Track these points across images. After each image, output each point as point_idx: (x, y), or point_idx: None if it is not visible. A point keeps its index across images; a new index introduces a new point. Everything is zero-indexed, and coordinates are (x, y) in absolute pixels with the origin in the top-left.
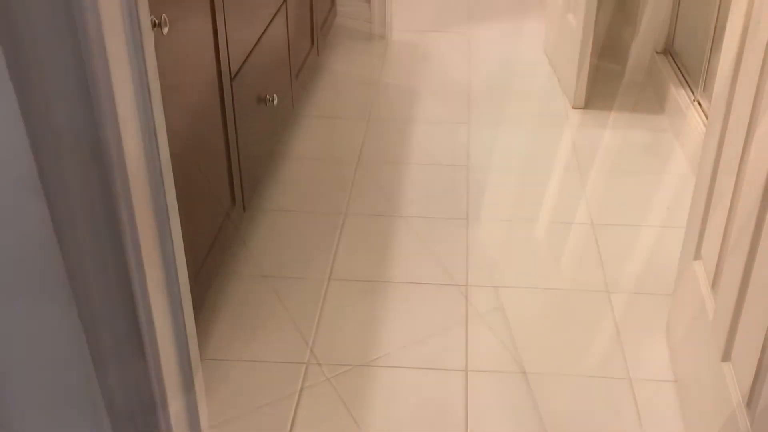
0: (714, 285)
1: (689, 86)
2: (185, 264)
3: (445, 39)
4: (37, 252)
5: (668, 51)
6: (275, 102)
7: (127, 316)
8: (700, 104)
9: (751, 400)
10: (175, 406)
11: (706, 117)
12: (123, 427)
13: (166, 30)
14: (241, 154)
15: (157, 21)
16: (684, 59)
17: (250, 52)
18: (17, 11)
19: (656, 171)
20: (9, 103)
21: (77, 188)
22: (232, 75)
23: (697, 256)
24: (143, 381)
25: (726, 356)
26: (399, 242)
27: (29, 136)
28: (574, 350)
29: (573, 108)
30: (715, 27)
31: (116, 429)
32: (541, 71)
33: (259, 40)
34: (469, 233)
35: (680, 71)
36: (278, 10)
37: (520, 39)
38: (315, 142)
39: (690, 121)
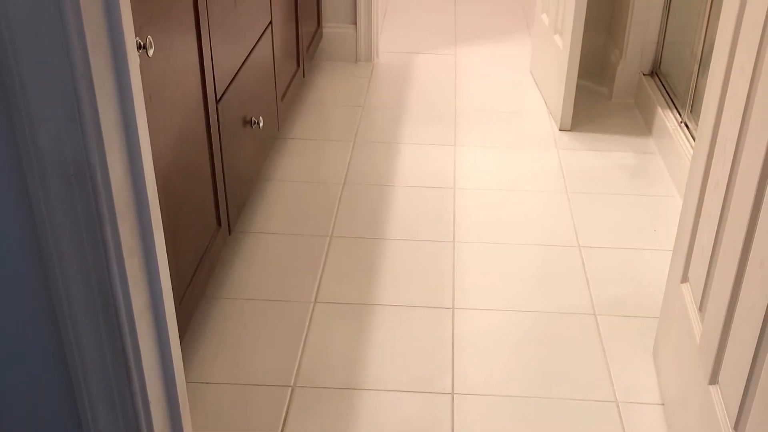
0: (701, 307)
1: (676, 108)
2: (170, 286)
3: (431, 60)
4: (21, 273)
5: (655, 73)
6: (261, 124)
7: (112, 338)
8: (687, 126)
9: (738, 423)
10: (159, 429)
11: (694, 139)
12: None
13: (151, 52)
14: (227, 176)
15: (142, 43)
16: (671, 81)
17: (236, 75)
18: (2, 32)
19: (643, 193)
20: None
21: (62, 209)
22: (218, 97)
23: (684, 278)
24: (128, 404)
25: (713, 379)
26: (385, 265)
27: (14, 157)
28: (560, 373)
29: (560, 130)
30: (702, 49)
31: None
32: (527, 93)
33: (244, 62)
34: (455, 256)
35: (667, 93)
36: (264, 32)
37: (506, 60)
38: (301, 165)
39: (677, 143)
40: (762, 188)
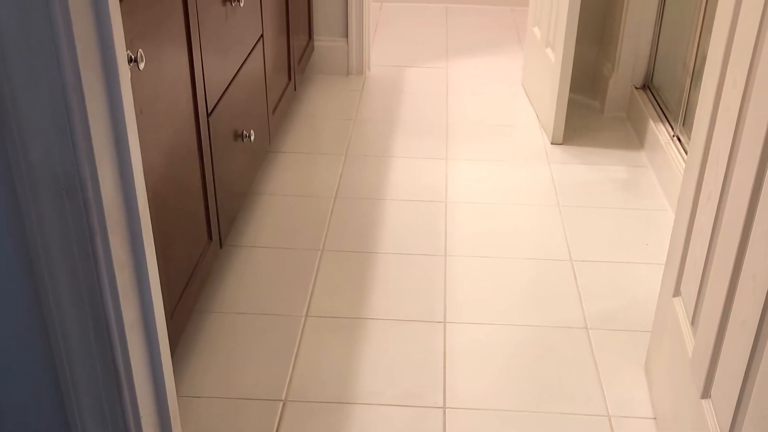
0: (693, 321)
1: (668, 122)
2: (161, 300)
3: (422, 74)
4: (12, 286)
5: (647, 86)
6: (252, 138)
7: (103, 352)
8: (679, 140)
9: None
10: None
11: (686, 152)
12: None
13: (142, 65)
14: (218, 190)
15: (133, 56)
16: (663, 94)
17: (227, 88)
18: None
19: (635, 207)
20: None
21: (53, 223)
22: (209, 110)
23: (677, 292)
24: (119, 418)
25: (706, 393)
26: (376, 278)
27: (5, 171)
28: (552, 387)
29: (551, 143)
30: (695, 62)
31: None
32: (519, 106)
33: (235, 75)
34: (446, 269)
35: (659, 106)
36: (255, 46)
37: (498, 73)
38: (292, 178)
39: (669, 156)
40: (754, 202)
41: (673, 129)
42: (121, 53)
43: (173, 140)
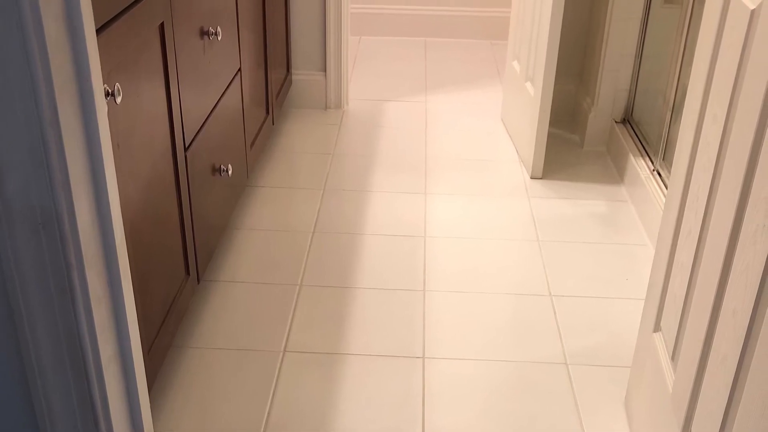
0: (674, 357)
1: (648, 156)
2: (138, 335)
3: (401, 108)
4: None
5: (627, 120)
6: (229, 172)
7: (80, 388)
8: (659, 174)
9: None
10: None
11: (666, 187)
12: None
13: (119, 99)
14: (195, 224)
15: (110, 90)
16: (643, 129)
17: (205, 122)
18: None
19: (615, 242)
20: None
21: (29, 257)
22: (186, 145)
23: (657, 327)
24: None
25: (686, 429)
26: (355, 314)
27: None
28: (532, 423)
29: (531, 178)
30: (675, 96)
31: None
32: (498, 141)
33: (213, 109)
34: (425, 304)
35: (639, 141)
36: (233, 80)
37: (477, 108)
38: (270, 213)
39: (649, 191)
40: (735, 237)
41: (653, 163)
42: (98, 87)
43: (150, 174)
